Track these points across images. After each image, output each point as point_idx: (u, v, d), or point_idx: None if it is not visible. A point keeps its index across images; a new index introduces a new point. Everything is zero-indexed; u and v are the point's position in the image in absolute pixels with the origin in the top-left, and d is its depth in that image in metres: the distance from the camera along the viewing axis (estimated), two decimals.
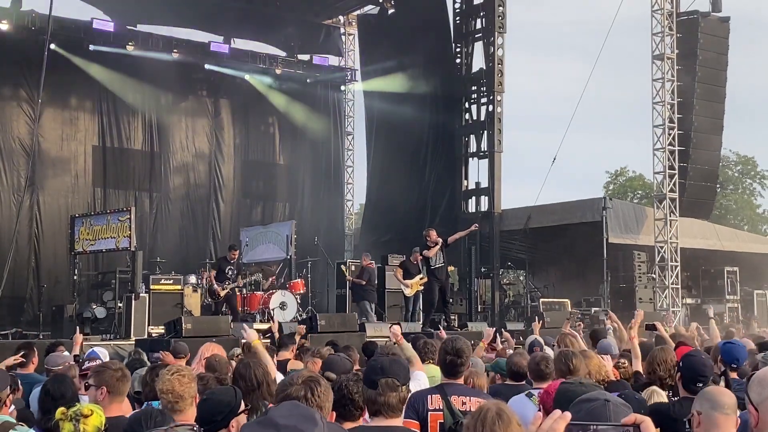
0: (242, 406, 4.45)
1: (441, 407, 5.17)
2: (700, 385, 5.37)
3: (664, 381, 6.11)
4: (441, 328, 12.03)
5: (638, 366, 7.09)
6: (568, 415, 2.18)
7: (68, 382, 5.78)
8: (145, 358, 8.49)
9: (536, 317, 15.78)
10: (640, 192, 50.22)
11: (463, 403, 5.23)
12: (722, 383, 5.71)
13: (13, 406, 5.62)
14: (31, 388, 6.94)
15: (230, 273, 18.30)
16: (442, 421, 4.98)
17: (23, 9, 21.99)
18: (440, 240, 17.26)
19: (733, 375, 6.19)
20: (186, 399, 4.69)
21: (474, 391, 5.61)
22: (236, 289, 18.57)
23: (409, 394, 4.60)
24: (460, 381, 5.52)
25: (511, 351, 8.98)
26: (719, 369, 6.22)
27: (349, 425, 4.22)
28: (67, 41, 22.34)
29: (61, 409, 4.45)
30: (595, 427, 2.24)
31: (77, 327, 12.52)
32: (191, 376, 4.85)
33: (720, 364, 6.39)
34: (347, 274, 20.55)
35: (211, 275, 18.51)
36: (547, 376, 6.04)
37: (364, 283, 19.79)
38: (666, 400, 5.72)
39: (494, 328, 10.65)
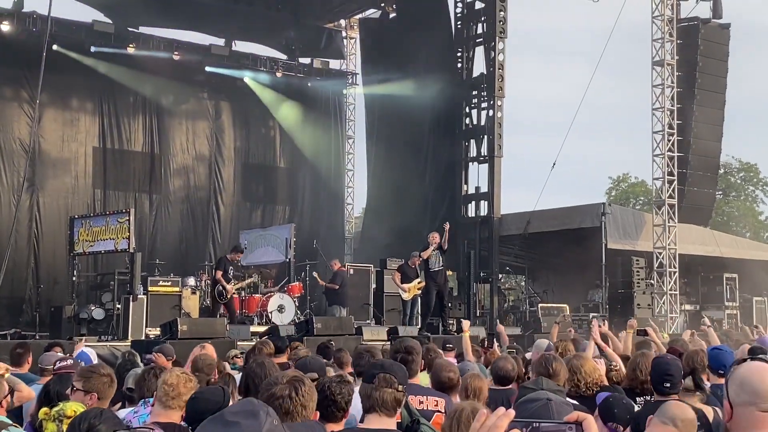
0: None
1: None
2: (668, 385, 5.41)
3: (645, 386, 6.14)
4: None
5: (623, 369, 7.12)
6: (511, 412, 2.20)
7: (70, 382, 5.80)
8: (138, 360, 8.51)
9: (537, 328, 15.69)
10: (642, 198, 50.23)
11: (420, 402, 5.30)
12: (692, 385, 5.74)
13: None
14: None
15: (232, 273, 18.13)
16: (400, 420, 5.02)
17: (24, 10, 22.07)
18: (444, 244, 17.31)
19: (720, 380, 6.19)
20: (180, 399, 4.75)
21: (430, 391, 5.68)
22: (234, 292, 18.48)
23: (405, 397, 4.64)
24: (416, 381, 5.55)
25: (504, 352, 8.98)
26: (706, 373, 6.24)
27: (331, 426, 4.25)
28: (68, 42, 22.42)
29: (44, 409, 4.46)
30: (537, 424, 2.26)
31: (75, 329, 12.52)
32: (195, 385, 4.95)
33: (708, 369, 6.40)
34: (319, 280, 20.48)
35: (218, 275, 17.80)
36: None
37: (337, 287, 19.78)
38: None
39: (469, 321, 10.69)
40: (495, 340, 10.31)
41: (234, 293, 18.12)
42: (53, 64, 18.50)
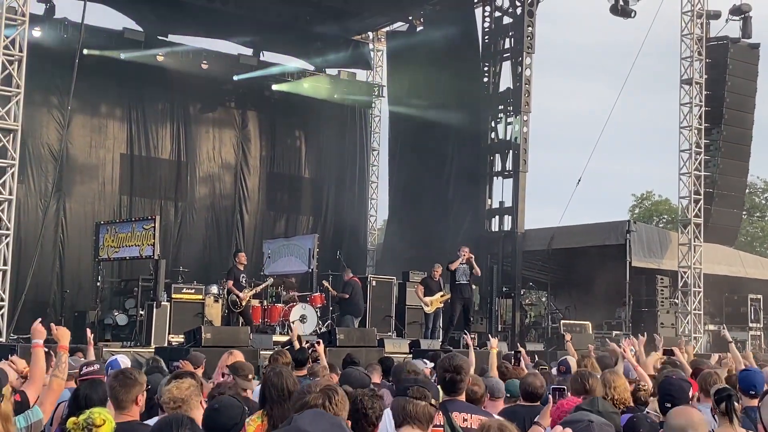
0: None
1: (441, 423, 5.18)
2: (669, 405, 5.39)
3: None
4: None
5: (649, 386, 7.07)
6: (569, 430, 2.22)
7: (101, 387, 5.80)
8: (164, 366, 8.51)
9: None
10: (665, 216, 49.92)
11: (464, 420, 5.27)
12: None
13: None
14: None
15: (243, 281, 18.15)
16: None
17: (56, 16, 22.33)
18: (470, 256, 17.23)
19: (752, 402, 6.12)
20: (188, 402, 4.73)
21: (475, 408, 5.63)
22: (250, 299, 18.45)
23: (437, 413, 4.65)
24: (461, 398, 5.51)
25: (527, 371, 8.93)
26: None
27: None
28: (98, 49, 22.60)
29: (72, 419, 4.45)
30: None
31: (99, 335, 12.54)
32: (191, 382, 4.93)
33: (739, 392, 6.33)
34: (331, 290, 20.47)
35: (230, 284, 17.99)
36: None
37: (347, 297, 19.78)
38: None
39: (497, 339, 10.66)
40: (521, 357, 10.25)
41: (249, 300, 18.15)
42: (82, 71, 18.66)
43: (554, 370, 9.23)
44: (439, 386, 5.58)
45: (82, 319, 18.73)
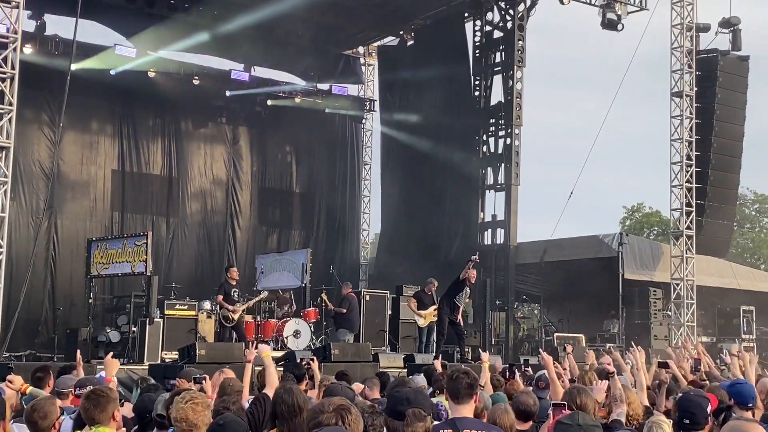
0: None
1: None
2: (687, 422, 5.31)
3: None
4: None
5: (644, 399, 7.02)
6: None
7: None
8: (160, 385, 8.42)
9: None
10: (656, 228, 50.02)
11: None
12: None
13: None
14: None
15: (236, 295, 17.98)
16: None
17: (47, 33, 22.32)
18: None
19: (748, 414, 6.09)
20: (200, 427, 4.68)
21: (486, 425, 5.47)
22: (243, 314, 18.32)
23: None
24: (470, 414, 5.34)
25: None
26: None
27: None
28: (89, 66, 22.54)
29: None
30: None
31: (92, 352, 12.44)
32: (205, 403, 4.84)
33: (735, 405, 6.28)
34: (328, 303, 20.40)
35: (219, 299, 17.83)
36: None
37: (344, 311, 19.72)
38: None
39: (488, 353, 10.59)
40: (516, 370, 10.15)
41: (241, 315, 18.04)
42: (73, 87, 18.57)
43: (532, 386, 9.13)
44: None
45: (75, 336, 18.60)
